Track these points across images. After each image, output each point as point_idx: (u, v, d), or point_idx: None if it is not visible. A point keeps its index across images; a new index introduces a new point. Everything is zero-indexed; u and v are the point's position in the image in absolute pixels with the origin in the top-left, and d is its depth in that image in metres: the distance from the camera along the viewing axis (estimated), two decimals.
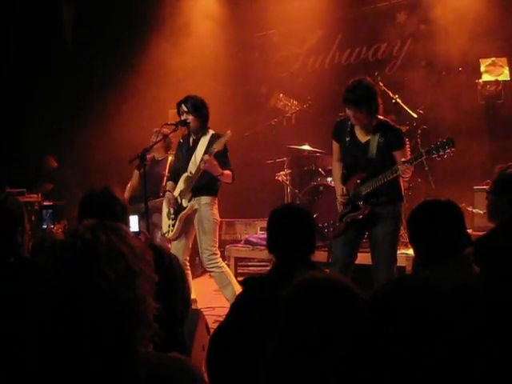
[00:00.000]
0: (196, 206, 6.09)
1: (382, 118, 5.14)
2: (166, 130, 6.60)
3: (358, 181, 5.15)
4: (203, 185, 6.02)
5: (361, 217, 5.12)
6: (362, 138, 5.15)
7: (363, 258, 5.62)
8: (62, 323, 1.45)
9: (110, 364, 1.47)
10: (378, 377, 1.00)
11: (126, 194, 7.25)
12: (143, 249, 1.62)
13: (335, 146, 5.41)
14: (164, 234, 6.38)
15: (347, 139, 5.23)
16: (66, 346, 1.45)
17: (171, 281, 3.06)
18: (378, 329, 1.03)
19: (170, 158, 7.26)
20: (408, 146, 7.82)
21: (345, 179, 5.32)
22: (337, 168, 5.43)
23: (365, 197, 5.08)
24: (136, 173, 7.45)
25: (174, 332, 2.99)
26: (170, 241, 6.39)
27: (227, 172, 5.98)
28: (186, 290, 3.33)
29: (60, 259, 1.52)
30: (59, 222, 7.26)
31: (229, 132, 5.87)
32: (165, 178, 7.11)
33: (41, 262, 1.58)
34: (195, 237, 6.24)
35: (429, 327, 0.97)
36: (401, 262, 6.36)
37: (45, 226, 5.76)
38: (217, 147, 5.81)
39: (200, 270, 7.96)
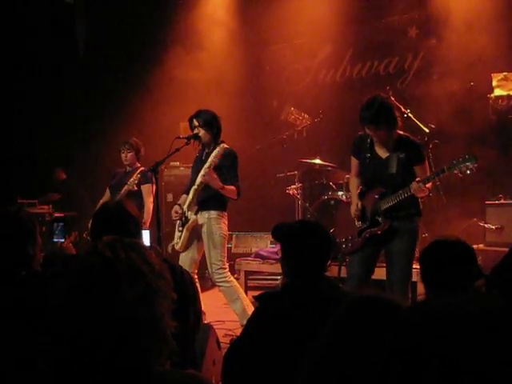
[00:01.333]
0: (201, 221, 6.08)
1: (401, 132, 5.15)
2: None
3: (377, 196, 5.16)
4: (210, 198, 6.01)
5: (380, 232, 5.12)
6: (383, 154, 5.16)
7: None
8: (78, 341, 1.44)
9: (128, 381, 1.46)
10: None
11: None
12: (161, 266, 1.61)
13: (354, 161, 5.42)
14: (173, 246, 6.37)
15: (367, 155, 5.23)
16: (82, 363, 1.44)
17: (183, 296, 3.05)
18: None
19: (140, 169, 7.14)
20: None
21: (363, 195, 5.33)
22: (354, 183, 5.43)
23: (384, 212, 5.09)
24: (108, 190, 7.37)
25: (186, 348, 2.97)
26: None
27: (230, 187, 5.96)
28: (197, 304, 3.31)
29: (79, 277, 1.51)
30: (69, 234, 7.26)
31: (223, 145, 5.96)
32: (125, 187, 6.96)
33: (59, 278, 1.57)
34: (204, 251, 6.23)
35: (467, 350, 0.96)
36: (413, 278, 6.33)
37: (55, 240, 5.74)
38: (214, 160, 5.85)
39: (210, 283, 7.94)
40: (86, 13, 10.90)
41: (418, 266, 6.16)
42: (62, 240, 5.34)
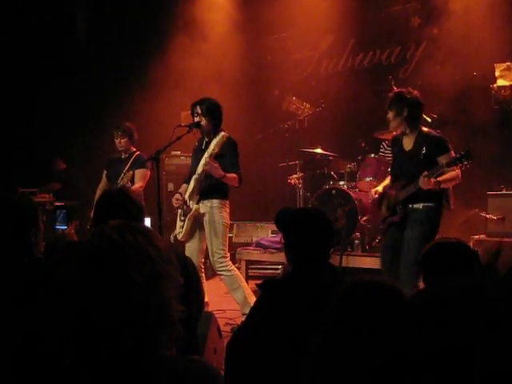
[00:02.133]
0: (203, 210, 6.08)
1: (425, 129, 5.46)
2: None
3: (398, 187, 5.46)
4: (211, 187, 6.01)
5: (396, 220, 5.43)
6: (407, 146, 5.48)
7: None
8: (87, 324, 1.44)
9: (134, 366, 1.45)
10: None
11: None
12: (168, 251, 1.60)
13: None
14: (176, 236, 6.36)
15: (396, 150, 5.69)
16: (90, 347, 1.44)
17: (186, 283, 3.04)
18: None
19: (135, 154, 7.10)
20: None
21: (390, 186, 5.70)
22: (387, 178, 5.98)
23: (402, 202, 5.39)
24: (104, 173, 7.32)
25: (189, 335, 2.96)
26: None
27: (232, 175, 5.97)
28: (200, 292, 3.31)
29: (87, 260, 1.50)
30: (72, 222, 7.26)
31: (222, 133, 5.95)
32: (122, 175, 6.94)
33: (62, 262, 1.56)
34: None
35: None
36: None
37: (58, 227, 5.75)
38: (215, 148, 5.83)
39: (210, 272, 7.94)
40: (88, 5, 10.87)
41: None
42: (65, 227, 5.37)
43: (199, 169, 6.03)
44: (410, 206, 5.35)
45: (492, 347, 0.97)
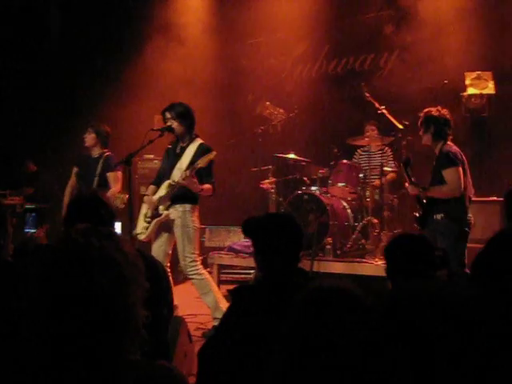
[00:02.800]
0: (174, 215, 6.07)
1: (448, 146, 5.73)
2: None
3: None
4: (185, 193, 6.00)
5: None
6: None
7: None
8: (52, 328, 1.43)
9: (98, 371, 1.45)
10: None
11: (66, 199, 6.98)
12: (135, 256, 1.60)
13: None
14: (137, 235, 6.32)
15: None
16: (55, 351, 1.43)
17: (156, 286, 3.03)
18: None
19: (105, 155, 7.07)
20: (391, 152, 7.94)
21: None
22: None
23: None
24: (74, 171, 7.27)
25: (159, 339, 2.96)
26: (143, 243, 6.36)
27: (207, 186, 5.98)
28: (170, 295, 3.30)
29: (52, 263, 1.50)
30: (42, 225, 7.21)
31: (214, 152, 5.91)
32: (96, 179, 6.93)
33: (31, 265, 1.55)
34: (175, 243, 6.22)
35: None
36: (382, 272, 6.39)
37: (27, 230, 5.72)
38: (200, 164, 5.81)
39: (182, 276, 7.92)
40: (61, 3, 10.80)
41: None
42: (34, 230, 5.34)
43: (176, 176, 6.02)
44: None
45: (454, 348, 0.99)
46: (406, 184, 5.91)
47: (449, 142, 5.76)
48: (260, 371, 2.23)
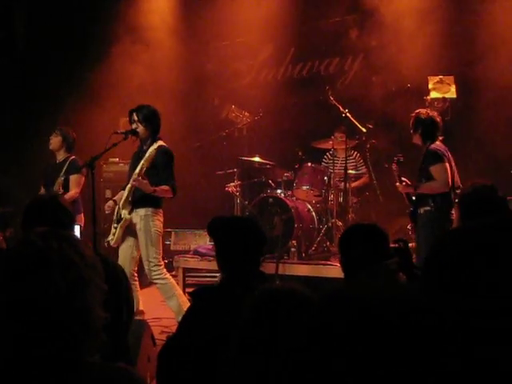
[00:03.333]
0: (136, 219, 6.05)
1: (435, 144, 5.95)
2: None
3: None
4: (144, 196, 5.96)
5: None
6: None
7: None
8: (9, 329, 1.44)
9: (55, 373, 1.45)
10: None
11: None
12: (94, 258, 1.61)
13: None
14: (108, 242, 6.31)
15: None
16: (11, 353, 1.44)
17: (116, 289, 3.02)
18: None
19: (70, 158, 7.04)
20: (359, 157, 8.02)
21: None
22: None
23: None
24: (42, 183, 7.19)
25: (119, 342, 2.94)
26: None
27: (164, 187, 5.94)
28: (130, 299, 3.29)
29: (10, 265, 1.50)
30: (4, 229, 7.12)
31: (156, 145, 5.89)
32: (58, 180, 6.88)
33: None
34: None
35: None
36: None
37: None
38: (144, 164, 5.80)
39: (148, 280, 7.89)
40: (25, 5, 10.68)
41: None
42: None
43: (131, 180, 6.00)
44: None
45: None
46: (397, 183, 6.13)
47: (437, 142, 5.99)
48: (218, 371, 2.25)
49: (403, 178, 6.10)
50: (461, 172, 6.10)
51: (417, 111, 6.15)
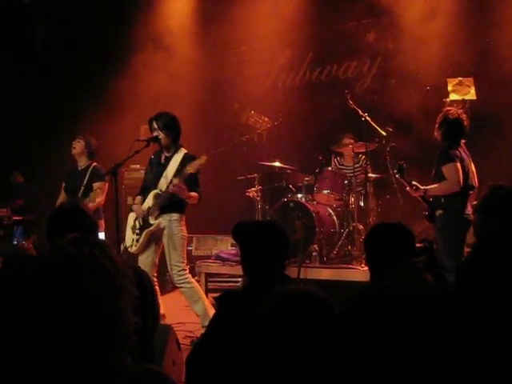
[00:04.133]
0: (163, 224, 6.10)
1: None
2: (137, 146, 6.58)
3: None
4: (172, 202, 6.04)
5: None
6: None
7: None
8: (42, 335, 1.47)
9: (88, 376, 1.48)
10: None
11: None
12: (124, 264, 1.65)
13: None
14: (127, 248, 6.36)
15: None
16: (45, 357, 1.46)
17: (142, 295, 3.06)
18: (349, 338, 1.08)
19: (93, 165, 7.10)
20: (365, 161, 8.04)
21: None
22: None
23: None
24: (63, 186, 7.29)
25: (146, 346, 2.99)
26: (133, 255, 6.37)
27: (194, 194, 6.04)
28: (155, 303, 3.33)
29: (43, 272, 1.53)
30: (29, 237, 7.20)
31: (204, 156, 5.93)
32: (82, 189, 6.94)
33: (20, 276, 1.59)
34: (163, 253, 6.25)
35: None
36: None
37: (15, 242, 5.74)
38: (190, 169, 5.85)
39: (170, 285, 7.94)
40: (45, 13, 10.80)
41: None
42: (23, 242, 5.35)
43: (163, 186, 6.06)
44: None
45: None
46: (407, 188, 6.09)
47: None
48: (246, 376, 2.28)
49: (414, 182, 6.04)
50: (481, 173, 6.09)
51: (447, 109, 6.14)
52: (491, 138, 7.76)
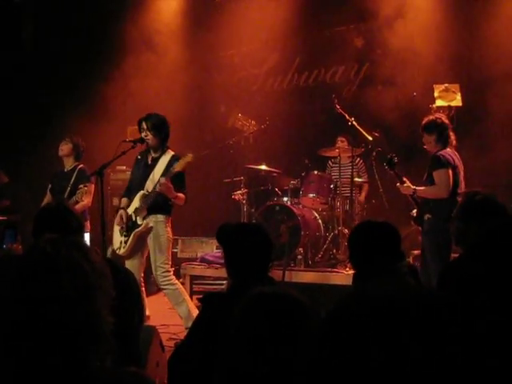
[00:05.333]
0: (151, 224, 6.10)
1: (440, 152, 5.89)
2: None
3: None
4: (159, 203, 6.04)
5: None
6: None
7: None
8: (17, 336, 1.46)
9: (64, 378, 1.48)
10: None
11: None
12: (103, 264, 1.64)
13: None
14: (115, 250, 6.34)
15: None
16: (20, 358, 1.46)
17: (127, 295, 3.07)
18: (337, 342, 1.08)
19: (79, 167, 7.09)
20: (362, 164, 8.05)
21: None
22: None
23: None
24: (49, 187, 7.27)
25: (131, 346, 2.99)
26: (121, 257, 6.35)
27: (180, 195, 6.04)
28: (141, 304, 3.34)
29: (19, 272, 1.53)
30: (18, 239, 7.14)
31: (190, 154, 5.94)
32: (68, 190, 6.93)
33: (2, 273, 1.58)
34: (148, 254, 6.24)
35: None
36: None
37: (5, 246, 5.71)
38: (177, 168, 5.85)
39: (155, 287, 7.92)
40: (34, 13, 10.76)
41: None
42: (13, 245, 5.31)
43: (150, 187, 6.06)
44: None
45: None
46: (398, 184, 6.09)
47: (447, 148, 5.98)
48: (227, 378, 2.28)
49: (404, 179, 6.06)
50: (466, 180, 6.13)
51: (436, 115, 6.14)
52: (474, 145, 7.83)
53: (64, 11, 10.19)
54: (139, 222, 6.13)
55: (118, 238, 6.31)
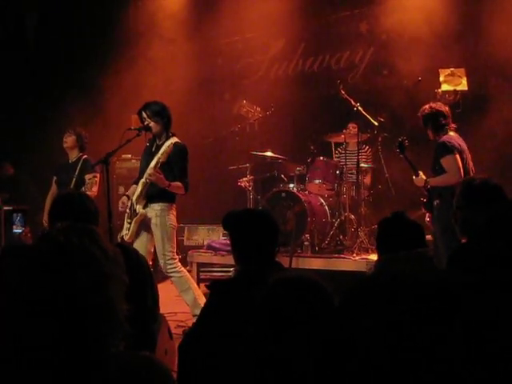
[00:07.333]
0: (151, 213, 6.08)
1: (444, 138, 5.94)
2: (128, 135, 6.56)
3: None
4: (159, 191, 6.00)
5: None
6: None
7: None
8: (32, 324, 1.45)
9: (79, 365, 1.48)
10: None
11: (47, 207, 6.83)
12: (115, 251, 1.63)
13: None
14: (122, 237, 6.36)
15: None
16: (35, 346, 1.46)
17: (140, 277, 3.06)
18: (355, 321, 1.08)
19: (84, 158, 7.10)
20: (370, 151, 8.02)
21: None
22: None
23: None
24: (54, 179, 7.27)
25: (146, 329, 2.98)
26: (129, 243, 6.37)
27: (177, 184, 5.98)
28: (154, 285, 3.33)
29: (31, 261, 1.52)
30: (26, 225, 7.16)
31: (171, 140, 5.93)
32: (73, 181, 6.93)
33: (11, 263, 1.57)
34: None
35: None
36: (361, 267, 6.52)
37: (15, 231, 5.72)
38: (161, 158, 5.83)
39: (161, 275, 7.93)
40: (33, 6, 10.75)
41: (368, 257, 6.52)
42: (20, 231, 5.33)
43: (146, 174, 6.04)
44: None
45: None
46: (414, 177, 6.09)
47: (450, 133, 6.00)
48: (239, 364, 2.28)
49: (420, 172, 6.06)
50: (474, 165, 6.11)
51: (421, 110, 6.19)
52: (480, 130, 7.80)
53: (62, 7, 10.18)
54: (137, 211, 6.12)
55: (125, 224, 6.32)
